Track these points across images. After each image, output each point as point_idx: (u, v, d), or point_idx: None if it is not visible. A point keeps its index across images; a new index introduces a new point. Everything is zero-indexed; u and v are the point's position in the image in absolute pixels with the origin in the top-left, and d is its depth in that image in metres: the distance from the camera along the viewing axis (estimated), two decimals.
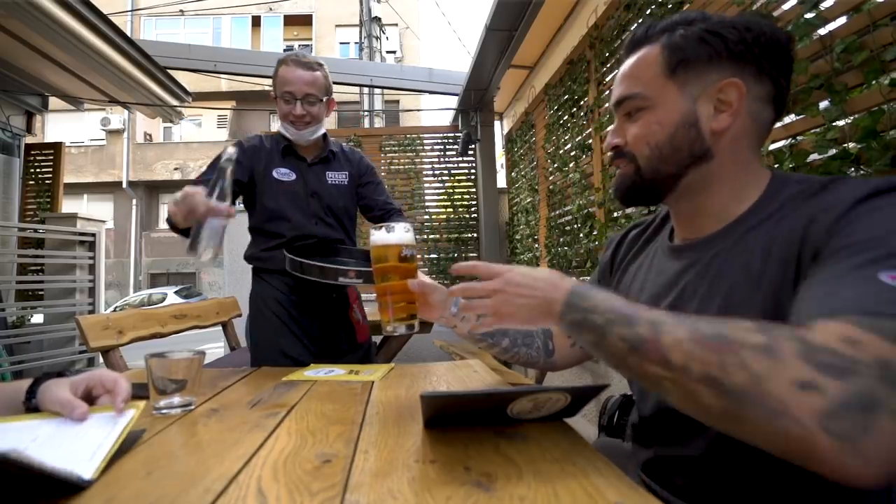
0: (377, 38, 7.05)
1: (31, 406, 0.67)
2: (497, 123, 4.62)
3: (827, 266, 0.45)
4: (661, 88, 0.60)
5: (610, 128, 0.67)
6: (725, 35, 0.57)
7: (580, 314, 0.52)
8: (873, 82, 0.99)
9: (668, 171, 0.61)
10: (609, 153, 0.66)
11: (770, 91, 0.59)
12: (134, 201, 14.92)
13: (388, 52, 11.44)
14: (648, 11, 1.91)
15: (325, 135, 1.46)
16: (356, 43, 10.46)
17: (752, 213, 0.58)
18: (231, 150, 0.92)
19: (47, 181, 4.54)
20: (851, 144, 1.04)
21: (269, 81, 1.40)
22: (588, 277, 0.93)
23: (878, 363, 0.34)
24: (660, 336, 0.44)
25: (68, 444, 0.55)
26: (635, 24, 2.03)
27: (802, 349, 0.36)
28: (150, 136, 15.58)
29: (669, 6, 1.77)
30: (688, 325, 0.43)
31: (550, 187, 3.12)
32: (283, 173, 1.40)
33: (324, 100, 1.38)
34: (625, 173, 0.65)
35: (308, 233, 1.40)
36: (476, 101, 4.04)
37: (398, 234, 0.78)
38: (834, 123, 1.08)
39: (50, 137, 10.98)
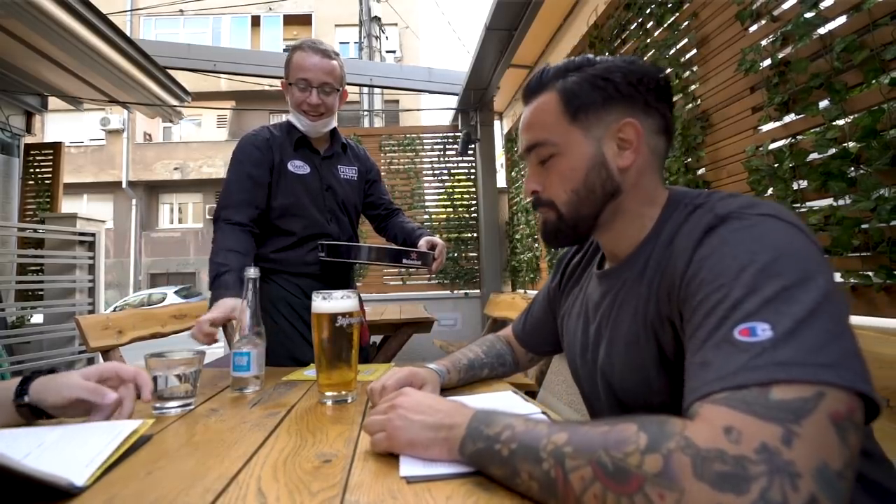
0: (377, 37, 7.04)
1: (22, 403, 0.65)
2: (497, 123, 4.61)
3: (692, 328, 0.48)
4: (567, 134, 0.64)
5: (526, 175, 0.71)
6: (613, 79, 0.62)
7: (483, 442, 0.49)
8: (873, 81, 0.99)
9: (587, 212, 0.65)
10: (529, 199, 0.70)
11: (660, 123, 0.64)
12: (134, 201, 14.91)
13: (387, 51, 11.43)
14: (648, 11, 1.91)
15: (334, 128, 1.41)
16: (356, 43, 10.45)
17: (647, 241, 0.63)
18: (252, 271, 0.93)
19: (47, 181, 4.53)
20: (851, 143, 1.04)
21: (269, 81, 1.36)
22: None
23: (762, 454, 0.35)
24: (568, 475, 0.42)
25: (71, 450, 0.55)
26: (635, 24, 2.04)
27: (696, 462, 0.36)
28: (149, 135, 15.56)
29: (669, 5, 1.77)
30: (587, 455, 0.42)
31: None
32: (297, 166, 1.33)
33: (339, 90, 1.33)
34: (548, 219, 0.68)
35: (322, 231, 1.35)
36: (476, 100, 4.04)
37: (334, 302, 0.79)
38: (834, 122, 1.08)
39: (49, 137, 10.96)
